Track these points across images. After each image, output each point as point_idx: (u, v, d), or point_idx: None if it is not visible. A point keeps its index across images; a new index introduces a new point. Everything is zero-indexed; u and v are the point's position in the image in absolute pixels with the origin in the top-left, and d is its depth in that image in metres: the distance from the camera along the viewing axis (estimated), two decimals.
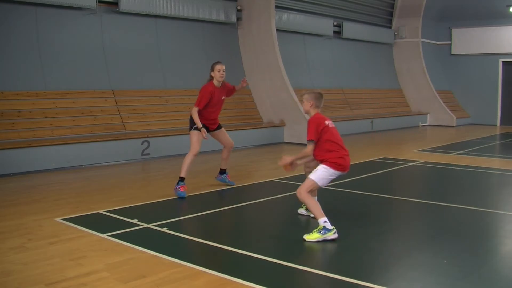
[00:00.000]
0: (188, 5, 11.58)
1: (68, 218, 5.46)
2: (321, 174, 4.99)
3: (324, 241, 4.67)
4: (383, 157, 10.12)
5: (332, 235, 4.74)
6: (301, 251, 4.57)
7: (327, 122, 5.10)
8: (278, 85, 12.66)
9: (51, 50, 9.54)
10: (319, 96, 5.15)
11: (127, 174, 8.43)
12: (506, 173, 8.74)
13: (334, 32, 15.88)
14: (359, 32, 16.91)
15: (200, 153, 10.42)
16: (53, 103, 9.26)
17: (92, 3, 9.77)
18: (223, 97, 7.03)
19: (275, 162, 9.37)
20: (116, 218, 5.51)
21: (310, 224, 5.46)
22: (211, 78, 6.90)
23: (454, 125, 18.04)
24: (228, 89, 7.16)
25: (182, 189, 6.55)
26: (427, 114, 18.59)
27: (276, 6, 13.07)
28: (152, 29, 11.26)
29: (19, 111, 8.77)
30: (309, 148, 5.09)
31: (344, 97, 15.94)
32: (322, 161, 5.06)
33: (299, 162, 5.35)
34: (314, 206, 4.90)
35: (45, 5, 9.38)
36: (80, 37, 9.99)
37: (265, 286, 3.65)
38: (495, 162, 10.12)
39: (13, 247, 4.49)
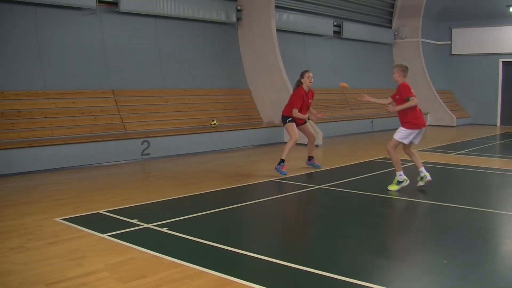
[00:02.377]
0: (188, 5, 11.58)
1: (68, 218, 5.46)
2: (400, 135, 6.78)
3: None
4: (383, 157, 10.11)
5: (405, 183, 6.77)
6: (301, 251, 4.57)
7: (412, 91, 6.70)
8: (278, 85, 12.66)
9: (51, 50, 9.54)
10: (405, 69, 6.77)
11: (127, 174, 8.43)
12: (506, 173, 8.73)
13: (334, 32, 15.88)
14: (359, 32, 16.91)
15: (201, 153, 10.45)
16: (53, 103, 9.26)
17: (92, 3, 9.77)
18: (310, 100, 8.42)
19: (275, 162, 9.37)
20: (116, 218, 5.51)
21: (310, 224, 5.46)
22: (301, 83, 8.28)
23: (454, 125, 18.04)
24: (313, 94, 8.55)
25: (283, 168, 7.95)
26: (427, 114, 18.57)
27: (276, 6, 13.07)
28: (152, 29, 11.26)
29: (19, 111, 8.77)
30: (414, 100, 6.63)
31: (344, 97, 15.94)
32: (402, 123, 6.79)
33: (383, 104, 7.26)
34: (395, 160, 6.83)
35: (45, 5, 9.38)
36: (80, 37, 9.98)
37: (265, 286, 3.65)
38: (495, 162, 10.12)
39: (13, 247, 4.49)
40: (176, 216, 5.59)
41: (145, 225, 5.17)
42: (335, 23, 15.94)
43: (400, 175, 6.81)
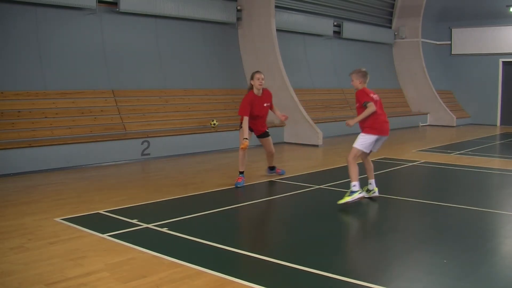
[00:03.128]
0: (188, 5, 11.57)
1: (68, 218, 5.46)
2: (361, 141, 6.07)
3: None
4: (383, 157, 10.11)
5: (358, 195, 5.90)
6: (301, 251, 4.57)
7: (372, 95, 6.06)
8: (278, 85, 12.65)
9: (51, 50, 9.54)
10: (364, 74, 6.14)
11: (127, 174, 8.43)
12: (506, 173, 8.73)
13: (334, 32, 15.87)
14: (359, 32, 16.91)
15: (201, 153, 10.45)
16: (53, 103, 9.26)
17: (92, 3, 9.77)
18: (265, 104, 7.38)
19: (275, 162, 9.37)
20: (116, 218, 5.51)
21: (310, 224, 5.46)
22: (251, 86, 7.28)
23: (454, 125, 18.04)
24: (269, 97, 7.50)
25: (239, 180, 7.20)
26: (427, 114, 18.59)
27: (276, 6, 13.07)
28: (152, 29, 11.26)
29: (19, 111, 8.76)
30: (372, 106, 5.94)
31: (344, 97, 15.94)
32: (361, 128, 6.12)
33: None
34: (353, 171, 5.99)
35: (45, 5, 9.38)
36: (80, 37, 9.98)
37: (265, 286, 3.65)
38: (495, 162, 10.12)
39: (13, 247, 4.49)
40: (176, 216, 5.59)
41: (145, 225, 5.17)
42: (335, 23, 15.94)
43: (354, 185, 6.00)
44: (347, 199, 5.93)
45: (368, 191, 6.44)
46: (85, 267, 4.01)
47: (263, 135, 7.58)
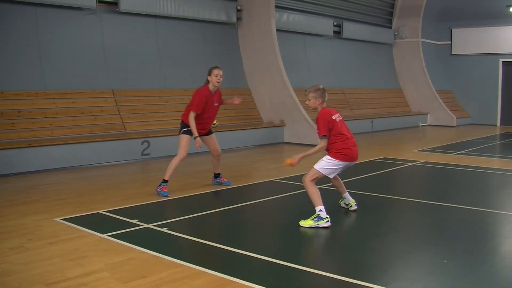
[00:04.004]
0: (188, 5, 11.57)
1: (68, 218, 5.46)
2: (324, 164, 5.30)
3: (318, 228, 5.07)
4: (383, 157, 10.12)
5: (325, 223, 5.13)
6: (301, 251, 4.57)
7: (334, 117, 5.34)
8: (278, 85, 12.66)
9: (51, 50, 9.54)
10: (323, 91, 5.42)
11: (127, 174, 8.43)
12: (506, 173, 8.73)
13: (334, 32, 15.87)
14: (359, 32, 16.91)
15: (200, 153, 10.45)
16: (53, 103, 9.26)
17: (92, 3, 9.77)
18: (216, 104, 6.88)
19: (275, 162, 9.37)
20: (116, 218, 5.51)
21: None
22: (207, 82, 6.76)
23: (454, 125, 18.03)
24: (220, 96, 6.98)
25: (164, 189, 6.59)
26: (427, 114, 18.58)
27: (276, 6, 13.07)
28: (152, 29, 11.26)
29: (19, 111, 8.77)
30: (323, 143, 5.26)
31: (344, 97, 15.94)
32: (327, 152, 5.33)
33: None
34: (313, 193, 5.25)
35: (45, 5, 9.38)
36: (80, 37, 9.98)
37: (265, 286, 3.65)
38: (495, 162, 10.12)
39: (13, 247, 4.50)
40: (176, 216, 5.59)
41: (145, 225, 5.17)
42: (335, 23, 15.94)
43: (321, 210, 5.22)
44: (310, 223, 5.17)
45: (345, 204, 5.94)
46: (85, 267, 4.01)
47: (207, 133, 7.04)
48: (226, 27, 12.82)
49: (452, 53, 19.93)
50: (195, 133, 6.52)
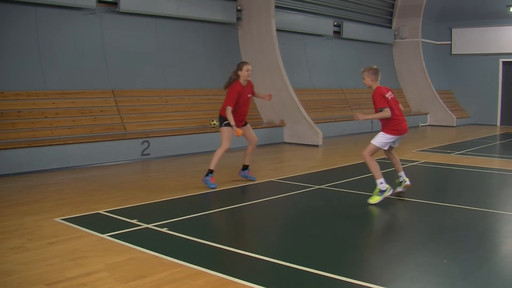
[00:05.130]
0: (188, 5, 11.57)
1: (68, 218, 5.46)
2: (380, 139, 6.25)
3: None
4: (383, 157, 10.10)
5: (388, 193, 6.03)
6: (301, 251, 4.57)
7: (387, 95, 6.17)
8: (278, 85, 12.65)
9: (51, 50, 9.54)
10: (376, 70, 6.23)
11: (127, 174, 8.43)
12: (506, 173, 8.73)
13: (334, 32, 15.87)
14: (359, 32, 16.91)
15: (201, 153, 10.45)
16: (53, 103, 9.26)
17: (92, 3, 9.77)
18: (249, 95, 7.44)
19: (275, 162, 9.37)
20: (116, 218, 5.51)
21: (310, 224, 5.46)
22: (238, 77, 7.23)
23: (454, 125, 18.04)
24: (252, 87, 7.55)
25: (212, 180, 7.10)
26: (427, 114, 18.58)
27: (276, 6, 13.07)
28: (152, 29, 11.26)
29: (19, 111, 8.77)
30: (386, 113, 6.09)
31: (344, 97, 15.94)
32: (382, 128, 6.25)
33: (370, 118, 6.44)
34: (372, 167, 6.11)
35: (45, 5, 9.38)
36: (80, 37, 9.98)
37: (265, 286, 3.65)
38: (495, 162, 10.12)
39: (13, 247, 4.49)
40: (176, 216, 5.59)
41: (145, 225, 5.17)
42: (335, 23, 15.94)
43: (381, 183, 6.10)
44: (377, 199, 6.05)
45: (400, 183, 6.56)
46: (85, 267, 4.01)
47: (244, 124, 7.54)
48: (226, 27, 12.82)
49: (452, 53, 19.93)
50: (233, 123, 7.08)
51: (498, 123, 18.86)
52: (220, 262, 4.22)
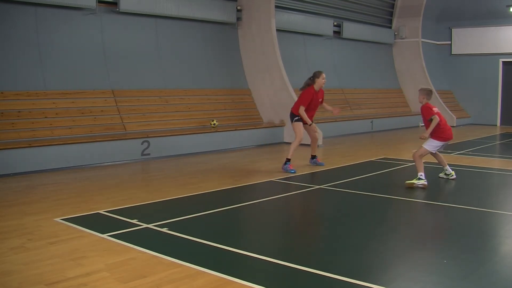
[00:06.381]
0: (188, 5, 11.57)
1: (68, 218, 5.46)
2: (430, 144, 7.41)
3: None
4: (383, 157, 10.12)
5: (422, 183, 7.14)
6: (301, 251, 4.57)
7: (435, 110, 7.37)
8: (278, 85, 12.65)
9: (51, 50, 9.53)
10: (429, 92, 7.48)
11: (127, 174, 8.43)
12: (506, 173, 8.73)
13: (334, 32, 15.88)
14: (359, 32, 16.91)
15: (201, 153, 10.46)
16: (53, 103, 9.26)
17: (92, 3, 9.77)
18: (320, 99, 8.71)
19: (275, 162, 9.38)
20: (116, 218, 5.51)
21: (310, 224, 5.46)
22: (313, 82, 8.54)
23: (454, 125, 18.03)
24: (322, 94, 8.83)
25: (291, 167, 8.27)
26: None
27: (276, 6, 13.07)
28: (152, 29, 11.26)
29: (19, 111, 8.77)
30: (436, 120, 7.24)
31: (344, 97, 15.94)
32: (431, 135, 7.37)
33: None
34: (419, 164, 7.32)
35: (45, 5, 9.38)
36: (80, 37, 9.98)
37: (265, 286, 3.65)
38: (495, 162, 10.12)
39: (13, 247, 4.49)
40: (176, 216, 5.59)
41: (145, 225, 5.17)
42: (335, 23, 15.94)
43: (421, 174, 7.23)
44: (415, 181, 7.20)
45: (446, 175, 7.86)
46: (85, 267, 4.01)
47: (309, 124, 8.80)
48: (226, 27, 12.82)
49: (452, 53, 19.93)
50: (308, 121, 8.56)
51: (498, 123, 18.86)
52: (220, 262, 4.22)
